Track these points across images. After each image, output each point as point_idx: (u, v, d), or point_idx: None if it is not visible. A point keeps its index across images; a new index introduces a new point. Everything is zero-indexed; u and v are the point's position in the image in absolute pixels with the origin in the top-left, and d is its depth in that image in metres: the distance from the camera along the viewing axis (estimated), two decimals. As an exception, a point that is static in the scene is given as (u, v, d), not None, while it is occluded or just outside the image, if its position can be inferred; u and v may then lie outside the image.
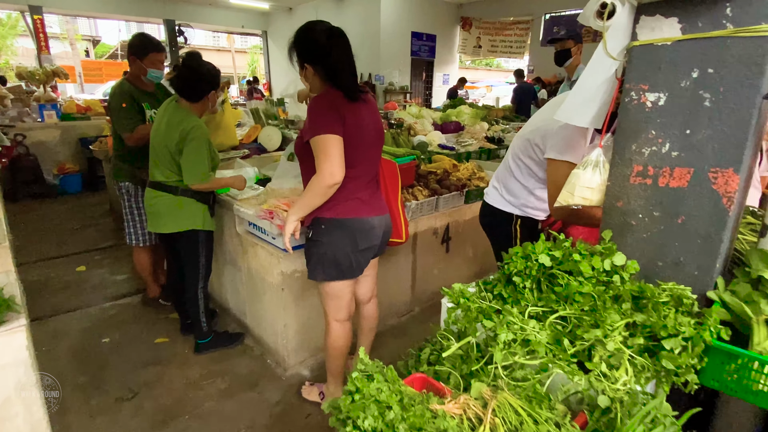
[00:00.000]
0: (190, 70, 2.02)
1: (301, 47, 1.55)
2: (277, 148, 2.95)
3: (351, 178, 1.58)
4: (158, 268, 2.92)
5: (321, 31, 1.52)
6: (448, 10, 11.92)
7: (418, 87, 12.12)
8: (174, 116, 2.03)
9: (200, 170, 2.01)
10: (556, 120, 1.57)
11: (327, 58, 1.51)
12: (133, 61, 2.47)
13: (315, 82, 1.58)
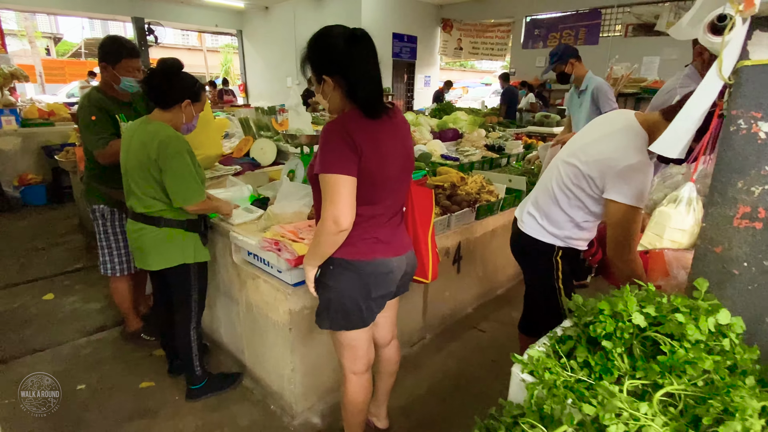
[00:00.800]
0: (161, 74, 1.74)
1: (316, 56, 1.29)
2: (272, 163, 2.69)
3: (369, 216, 1.35)
4: (139, 297, 2.63)
5: (339, 35, 1.24)
6: (429, 11, 11.79)
7: (400, 89, 11.95)
8: (146, 131, 1.75)
9: (192, 188, 1.74)
10: (618, 154, 1.40)
11: (348, 67, 1.24)
12: (105, 67, 2.17)
13: (335, 98, 1.30)
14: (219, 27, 13.25)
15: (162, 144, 1.69)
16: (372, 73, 1.28)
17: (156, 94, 1.76)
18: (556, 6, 10.00)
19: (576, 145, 1.60)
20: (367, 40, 1.26)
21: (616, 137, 1.46)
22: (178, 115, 1.80)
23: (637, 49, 9.03)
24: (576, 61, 3.03)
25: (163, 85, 1.73)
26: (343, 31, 1.26)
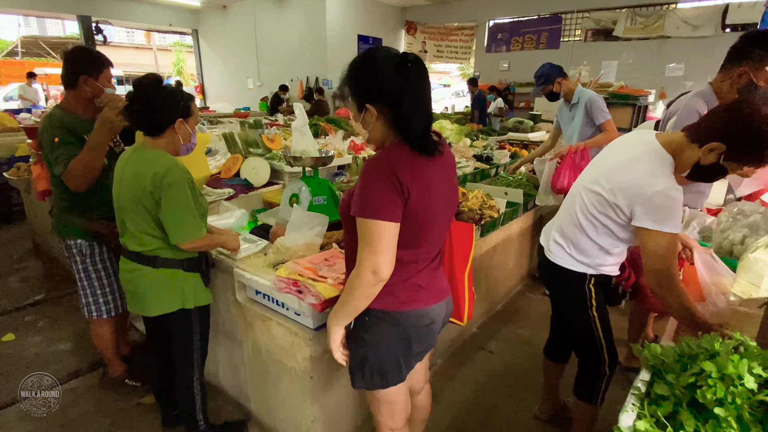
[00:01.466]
0: (142, 98, 1.52)
1: (359, 81, 1.12)
2: (266, 183, 2.49)
3: (410, 261, 1.22)
4: (120, 336, 2.36)
5: (387, 58, 1.08)
6: (393, 14, 11.73)
7: (366, 91, 11.80)
8: (141, 160, 1.55)
9: (189, 222, 1.53)
10: (645, 180, 1.34)
11: (397, 96, 1.08)
12: (86, 81, 1.91)
13: (377, 129, 1.15)
14: (173, 26, 12.58)
15: (157, 175, 1.49)
16: (424, 104, 1.12)
17: (142, 123, 1.55)
18: (518, 11, 10.21)
19: (598, 171, 1.54)
20: (419, 65, 1.11)
21: (641, 162, 1.41)
22: (174, 138, 1.60)
23: (597, 53, 9.38)
24: (563, 79, 3.05)
25: (147, 110, 1.52)
26: (394, 55, 1.11)
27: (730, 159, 1.29)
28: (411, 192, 1.10)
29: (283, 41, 10.79)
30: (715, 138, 1.29)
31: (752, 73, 1.90)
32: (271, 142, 2.62)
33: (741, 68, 1.93)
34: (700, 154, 1.32)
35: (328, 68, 10.30)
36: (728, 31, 7.88)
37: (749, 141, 1.23)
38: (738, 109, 1.27)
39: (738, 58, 1.95)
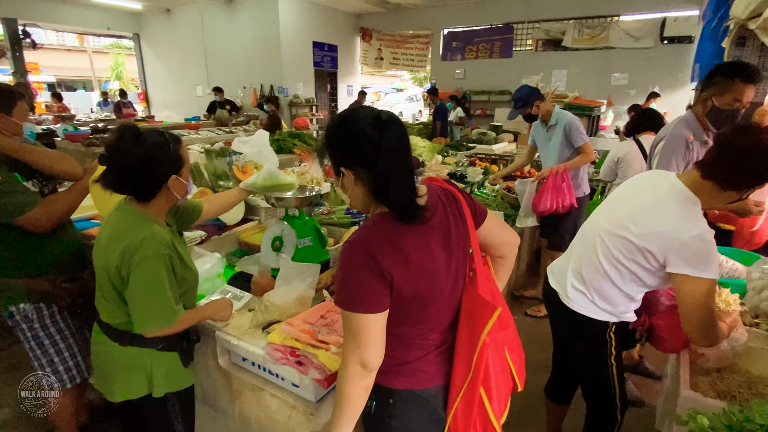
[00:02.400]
0: (124, 155, 1.25)
1: (333, 144, 1.02)
2: (240, 221, 2.26)
3: (423, 336, 1.10)
4: (79, 400, 2.05)
5: (364, 117, 0.98)
6: (348, 20, 11.59)
7: (323, 99, 11.59)
8: (118, 223, 1.32)
9: (156, 310, 1.30)
10: (678, 224, 1.30)
11: (371, 157, 0.96)
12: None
13: (357, 194, 1.04)
14: (111, 30, 11.71)
15: (128, 249, 1.25)
16: (403, 166, 0.99)
17: (127, 188, 1.32)
18: (472, 20, 10.39)
19: (621, 214, 1.49)
20: (396, 125, 0.98)
21: (670, 205, 1.37)
22: (168, 197, 1.37)
23: (547, 62, 9.72)
24: (540, 101, 3.07)
25: (130, 178, 1.28)
26: (368, 114, 0.99)
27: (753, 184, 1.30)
28: (395, 276, 0.98)
29: (234, 47, 10.33)
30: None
31: (714, 99, 1.98)
32: (243, 173, 2.40)
33: (706, 95, 2.02)
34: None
35: (283, 75, 9.98)
36: (666, 43, 8.42)
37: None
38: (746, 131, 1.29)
39: (706, 86, 2.04)
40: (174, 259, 1.35)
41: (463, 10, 10.38)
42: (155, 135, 1.31)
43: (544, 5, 9.40)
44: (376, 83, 30.25)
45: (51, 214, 1.62)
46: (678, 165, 2.07)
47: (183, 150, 1.39)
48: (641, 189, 1.51)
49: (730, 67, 1.96)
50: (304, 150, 3.12)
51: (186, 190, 1.43)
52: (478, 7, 10.16)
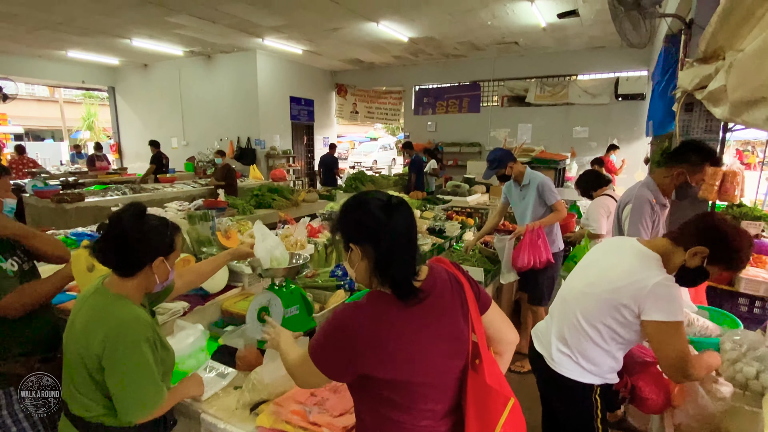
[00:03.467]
0: (120, 235, 1.28)
1: (345, 221, 1.13)
2: (223, 288, 2.23)
3: (422, 419, 1.09)
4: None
5: (376, 201, 1.08)
6: (324, 76, 12.06)
7: (300, 150, 11.78)
8: (97, 307, 1.29)
9: (148, 394, 1.27)
10: (643, 274, 1.42)
11: (376, 236, 1.06)
12: None
13: (361, 270, 1.11)
14: (86, 83, 11.77)
15: (110, 335, 1.23)
16: (406, 247, 1.08)
17: (112, 261, 1.31)
18: (441, 78, 11.01)
19: (592, 276, 1.60)
20: (404, 208, 1.09)
21: (634, 260, 1.51)
22: (149, 279, 1.36)
23: (513, 117, 10.31)
24: (513, 163, 3.25)
25: (122, 249, 1.29)
26: (379, 197, 1.10)
27: (712, 263, 1.41)
28: (369, 364, 1.04)
29: (211, 100, 10.51)
30: (698, 242, 1.40)
31: (688, 175, 2.19)
32: (227, 239, 2.39)
33: (679, 169, 2.20)
34: (686, 257, 1.44)
35: (260, 128, 10.15)
36: (620, 99, 9.12)
37: (723, 245, 1.38)
38: (708, 216, 1.47)
39: (677, 160, 2.23)
40: (157, 340, 1.33)
41: (432, 69, 11.01)
42: (157, 219, 1.36)
43: (507, 66, 10.11)
44: (351, 132, 31.05)
45: (25, 303, 1.56)
46: (646, 225, 2.23)
47: (178, 239, 1.42)
48: (608, 251, 1.64)
49: (701, 151, 2.21)
50: (288, 214, 3.14)
51: (167, 276, 1.42)
52: (446, 67, 10.80)
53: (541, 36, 8.06)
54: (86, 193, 6.00)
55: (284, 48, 9.19)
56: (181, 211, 4.14)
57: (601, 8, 6.26)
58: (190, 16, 6.91)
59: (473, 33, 7.93)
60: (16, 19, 7.00)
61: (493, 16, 6.83)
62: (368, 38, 8.31)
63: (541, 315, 3.38)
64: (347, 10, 6.56)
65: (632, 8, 3.50)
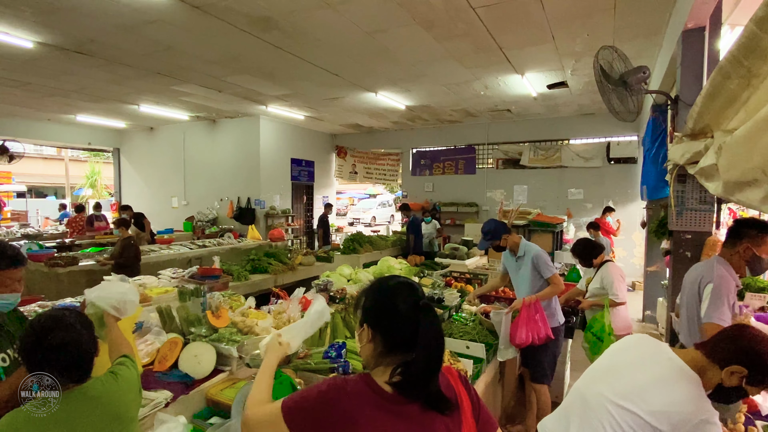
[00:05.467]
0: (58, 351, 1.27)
1: (369, 306, 1.14)
2: (210, 375, 2.11)
3: None
4: None
5: (406, 297, 1.08)
6: (324, 139, 12.44)
7: (299, 209, 11.88)
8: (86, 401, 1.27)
9: None
10: (689, 407, 1.31)
11: (406, 338, 1.04)
12: None
13: (367, 349, 1.12)
14: (92, 144, 12.08)
15: None
16: (436, 357, 1.05)
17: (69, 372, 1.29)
18: (436, 142, 11.37)
19: (626, 386, 1.45)
20: (433, 315, 1.08)
21: (678, 386, 1.39)
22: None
23: (508, 179, 10.52)
24: (508, 235, 3.25)
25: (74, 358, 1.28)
26: (409, 294, 1.10)
27: (752, 383, 1.34)
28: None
29: (213, 162, 10.75)
30: (735, 361, 1.33)
31: (754, 248, 2.25)
32: (217, 318, 2.31)
33: (744, 244, 2.27)
34: (722, 375, 1.35)
35: (261, 189, 10.30)
36: (613, 163, 9.34)
37: (762, 367, 1.28)
38: (742, 334, 1.36)
39: (738, 236, 2.31)
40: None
41: (428, 133, 11.40)
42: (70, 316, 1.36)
43: (501, 131, 10.49)
44: (350, 189, 31.60)
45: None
46: (729, 307, 2.18)
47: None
48: (641, 360, 1.51)
49: (755, 225, 2.31)
50: (283, 291, 3.07)
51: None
52: (442, 131, 11.20)
53: (532, 104, 8.42)
54: (81, 255, 5.94)
55: (287, 114, 9.56)
56: (174, 279, 4.07)
57: (589, 80, 6.59)
58: (198, 86, 7.23)
59: (467, 102, 8.28)
60: (29, 86, 7.32)
61: (485, 87, 7.16)
62: (367, 106, 8.67)
63: (544, 394, 3.22)
64: (347, 82, 6.89)
65: (619, 86, 3.67)
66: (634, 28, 4.81)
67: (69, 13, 4.38)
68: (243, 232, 9.42)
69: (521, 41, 5.16)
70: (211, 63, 6.06)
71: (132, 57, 5.79)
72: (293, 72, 6.43)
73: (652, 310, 6.27)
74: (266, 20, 4.56)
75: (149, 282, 3.79)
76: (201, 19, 4.50)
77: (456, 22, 4.58)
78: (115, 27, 4.73)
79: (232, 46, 5.37)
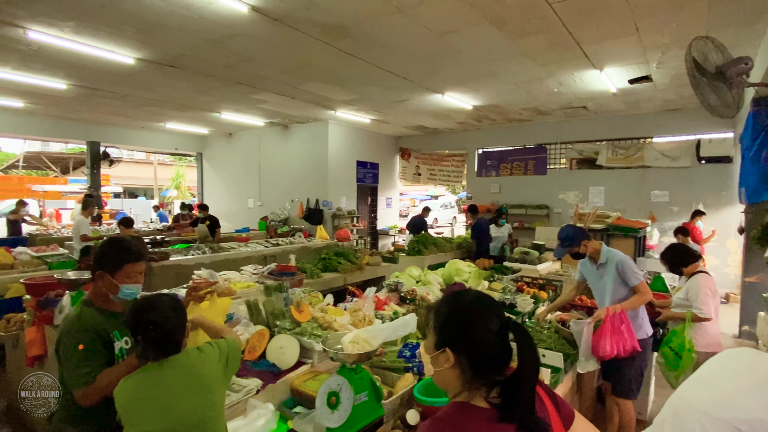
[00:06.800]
0: (154, 323, 1.53)
1: (450, 328, 1.07)
2: (294, 366, 2.24)
3: None
4: None
5: (493, 318, 1.04)
6: (389, 142, 12.59)
7: (364, 210, 12.13)
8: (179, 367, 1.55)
9: None
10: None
11: (486, 355, 1.02)
12: (101, 276, 1.79)
13: (447, 374, 1.06)
14: (178, 149, 13.20)
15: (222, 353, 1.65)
16: (534, 378, 1.01)
17: (159, 346, 1.54)
18: (504, 142, 11.03)
19: (720, 394, 1.34)
20: (528, 337, 1.03)
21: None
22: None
23: (583, 180, 9.94)
24: (587, 241, 3.08)
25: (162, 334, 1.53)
26: (495, 315, 1.05)
27: None
28: None
29: (285, 165, 11.30)
30: None
31: None
32: (300, 312, 2.44)
33: None
34: None
35: (328, 191, 10.66)
36: (704, 162, 8.49)
37: None
38: None
39: None
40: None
41: (495, 133, 11.11)
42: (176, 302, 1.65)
43: (575, 129, 9.93)
44: (411, 190, 31.61)
45: (89, 396, 1.63)
46: None
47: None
48: (737, 369, 1.39)
49: None
50: (358, 290, 3.16)
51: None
52: (510, 131, 10.84)
53: (611, 100, 7.93)
54: (171, 251, 6.52)
55: (353, 118, 9.81)
56: (255, 275, 4.34)
57: (677, 74, 6.08)
58: (273, 94, 7.66)
59: (539, 100, 7.98)
60: (127, 98, 8.16)
61: (559, 84, 6.86)
62: (433, 107, 8.65)
63: (629, 409, 3.02)
64: (414, 84, 6.93)
65: (716, 79, 3.35)
66: (731, 15, 4.36)
67: (166, 31, 4.83)
68: (312, 231, 9.80)
69: (601, 35, 4.88)
70: (286, 72, 6.38)
71: (216, 68, 6.26)
72: (362, 77, 6.59)
73: (751, 325, 5.63)
74: (339, 28, 4.72)
75: (233, 277, 4.08)
76: (279, 31, 4.76)
77: (530, 19, 4.44)
78: (203, 41, 5.14)
79: (306, 55, 5.62)
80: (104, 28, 4.78)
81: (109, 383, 1.61)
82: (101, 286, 1.79)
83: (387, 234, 12.37)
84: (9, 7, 4.26)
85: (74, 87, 7.24)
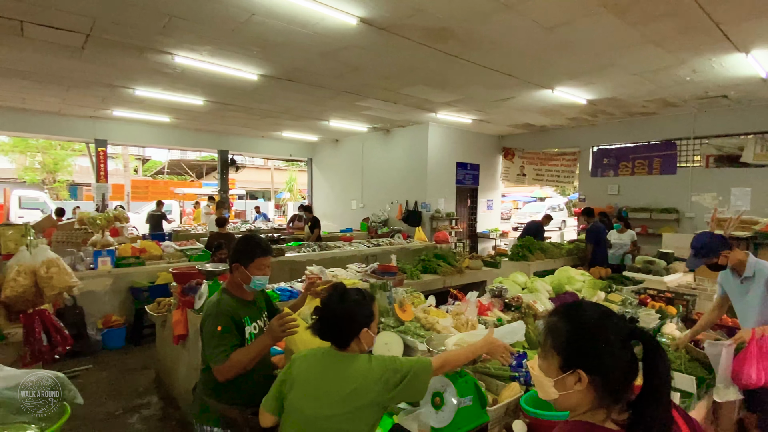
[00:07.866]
0: (330, 314, 1.62)
1: (583, 348, 1.00)
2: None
3: None
4: None
5: (618, 327, 0.98)
6: (491, 141, 12.22)
7: (463, 213, 11.95)
8: (341, 364, 1.58)
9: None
10: None
11: (624, 376, 0.96)
12: (237, 268, 2.06)
13: (575, 396, 0.99)
14: (292, 156, 14.37)
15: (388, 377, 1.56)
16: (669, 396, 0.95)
17: (328, 337, 1.63)
18: (624, 138, 9.98)
19: None
20: (664, 353, 0.96)
21: None
22: (360, 347, 1.63)
23: (723, 179, 8.58)
24: (729, 251, 2.66)
25: (333, 326, 1.61)
26: (622, 332, 0.98)
27: None
28: None
29: (386, 168, 11.64)
30: None
31: None
32: (403, 312, 2.51)
33: None
34: None
35: (427, 193, 10.72)
36: None
37: None
38: None
39: None
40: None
41: (613, 129, 10.12)
42: (355, 293, 1.65)
43: (712, 121, 8.62)
44: (513, 192, 30.19)
45: (227, 371, 1.85)
46: None
47: (375, 307, 1.68)
48: None
49: None
50: (460, 293, 3.14)
51: (372, 341, 1.69)
52: (631, 126, 9.79)
53: (759, 87, 6.74)
54: (286, 248, 7.13)
55: (454, 119, 9.73)
56: (359, 273, 4.55)
57: None
58: (376, 100, 7.95)
59: (666, 90, 7.10)
60: (251, 110, 9.14)
61: (693, 71, 6.03)
62: (541, 104, 8.20)
63: (783, 451, 2.54)
64: (520, 81, 6.65)
65: None
66: None
67: (285, 48, 5.31)
68: (410, 233, 9.94)
69: (745, 13, 4.19)
70: (389, 78, 6.58)
71: (327, 79, 6.70)
72: (465, 78, 6.51)
73: None
74: (443, 31, 4.73)
75: (340, 274, 4.32)
76: (384, 39, 4.94)
77: (657, 2, 3.98)
78: (317, 55, 5.55)
79: (408, 60, 5.73)
80: (234, 50, 5.41)
81: (239, 362, 1.85)
82: (237, 276, 2.05)
83: (487, 237, 12.02)
84: (163, 38, 5.05)
85: (209, 102, 8.33)
